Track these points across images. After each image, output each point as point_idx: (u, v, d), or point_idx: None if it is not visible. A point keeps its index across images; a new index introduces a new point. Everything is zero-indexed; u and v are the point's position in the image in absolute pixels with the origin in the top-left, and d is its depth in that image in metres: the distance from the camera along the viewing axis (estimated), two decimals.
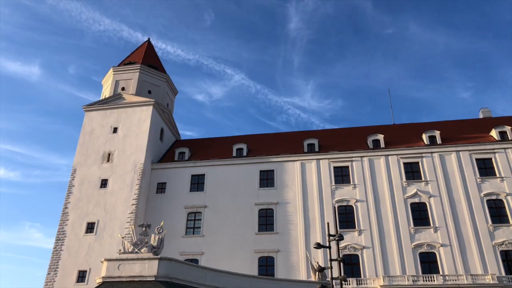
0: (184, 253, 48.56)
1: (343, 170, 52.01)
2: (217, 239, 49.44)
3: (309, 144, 55.84)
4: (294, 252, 47.38)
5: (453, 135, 53.35)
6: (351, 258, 46.00)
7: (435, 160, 50.27)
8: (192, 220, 51.85)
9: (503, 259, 43.51)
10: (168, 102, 67.10)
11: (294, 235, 48.50)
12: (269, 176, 53.40)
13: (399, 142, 53.70)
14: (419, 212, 47.57)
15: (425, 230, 46.21)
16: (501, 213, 45.89)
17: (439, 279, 41.30)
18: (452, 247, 44.72)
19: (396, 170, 50.46)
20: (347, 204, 49.46)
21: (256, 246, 48.43)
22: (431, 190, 48.45)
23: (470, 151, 50.06)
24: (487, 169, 48.83)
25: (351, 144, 55.21)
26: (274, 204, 50.91)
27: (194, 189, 54.08)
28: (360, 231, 47.36)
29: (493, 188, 47.28)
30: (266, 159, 54.50)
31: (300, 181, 51.88)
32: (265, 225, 49.99)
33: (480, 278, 40.88)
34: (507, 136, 50.86)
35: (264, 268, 47.08)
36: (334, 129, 66.37)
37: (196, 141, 66.07)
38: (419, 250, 45.31)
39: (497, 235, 44.65)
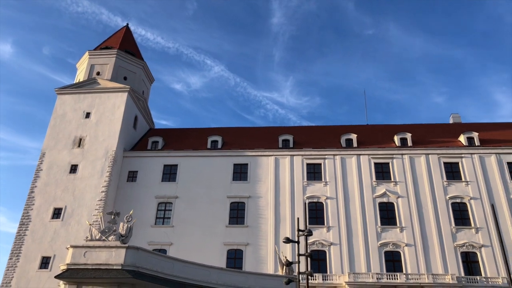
0: (153, 243, 48.19)
1: (316, 167, 52.64)
2: (187, 230, 49.28)
3: (284, 140, 56.21)
4: (263, 246, 47.77)
5: (423, 138, 54.76)
6: (318, 254, 46.74)
7: (405, 162, 51.53)
8: (162, 210, 51.45)
9: (463, 260, 45.15)
10: (144, 89, 66.12)
11: (264, 229, 48.86)
12: (242, 170, 53.50)
13: (371, 143, 54.74)
14: (386, 211, 48.73)
15: (391, 229, 47.40)
16: (464, 216, 47.55)
17: (402, 278, 42.50)
18: (416, 247, 46.06)
19: (367, 169, 51.46)
20: (317, 201, 50.15)
21: (225, 239, 48.54)
22: (399, 190, 49.68)
23: (439, 154, 51.54)
24: (453, 173, 50.42)
25: (324, 142, 55.91)
26: (246, 198, 51.07)
27: (166, 179, 53.63)
28: (328, 228, 48.15)
29: (458, 192, 48.88)
30: (241, 152, 54.56)
31: (273, 176, 52.23)
32: (236, 218, 50.13)
33: (440, 278, 42.31)
34: (474, 142, 52.59)
35: (233, 261, 47.28)
36: (309, 126, 67.04)
37: (170, 130, 65.44)
38: (384, 248, 46.45)
39: (459, 237, 46.27)
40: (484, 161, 50.48)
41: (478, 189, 48.69)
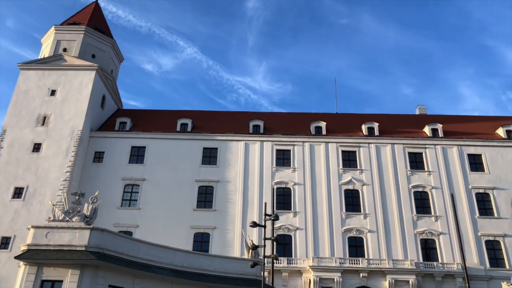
0: (118, 224, 47.61)
1: (285, 154, 53.13)
2: (154, 213, 48.92)
3: (255, 125, 56.30)
4: (230, 230, 48.10)
5: (390, 128, 56.13)
6: (284, 238, 47.53)
7: (371, 151, 52.75)
8: (129, 192, 50.78)
9: (422, 247, 47.04)
10: (112, 68, 64.39)
11: (232, 213, 49.14)
12: (212, 154, 53.35)
13: (339, 131, 55.64)
14: (351, 198, 49.95)
15: (355, 216, 48.69)
16: (425, 205, 49.37)
17: (364, 263, 43.90)
18: (378, 233, 47.56)
19: (334, 157, 52.39)
20: (285, 187, 50.76)
21: (193, 222, 48.55)
22: (364, 178, 50.93)
23: (404, 144, 53.03)
24: (417, 162, 52.08)
25: (294, 129, 56.39)
26: (214, 182, 51.07)
27: (133, 161, 52.83)
28: (295, 213, 48.94)
29: (420, 181, 50.61)
30: (211, 136, 54.32)
31: (242, 161, 52.38)
32: (204, 202, 50.14)
33: (400, 263, 43.96)
34: (438, 134, 54.37)
35: (199, 244, 47.43)
36: (280, 113, 67.39)
37: (139, 111, 64.24)
38: (348, 234, 47.73)
39: (419, 224, 48.08)
40: (446, 152, 52.35)
41: (440, 179, 50.56)
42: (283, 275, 44.06)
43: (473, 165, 51.51)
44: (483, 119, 60.83)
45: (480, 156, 52.05)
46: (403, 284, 42.75)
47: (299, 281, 44.27)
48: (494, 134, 54.93)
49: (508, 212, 48.36)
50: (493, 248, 46.69)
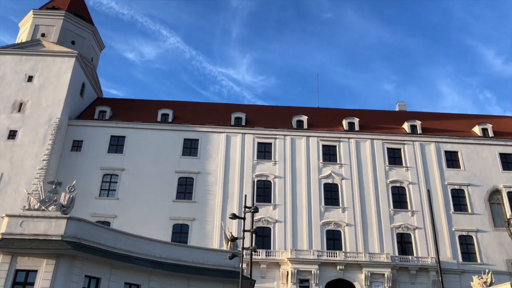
0: (96, 214, 47.01)
1: (266, 147, 53.27)
2: (133, 203, 48.47)
3: (237, 117, 56.19)
4: (209, 222, 48.08)
5: (370, 124, 56.81)
6: (263, 231, 47.79)
7: (351, 146, 53.34)
8: (107, 182, 50.14)
9: (398, 241, 47.99)
10: (93, 56, 63.15)
11: (212, 205, 49.10)
12: (193, 145, 53.06)
13: (320, 125, 56.04)
14: (331, 192, 50.50)
15: (334, 209, 49.28)
16: (402, 200, 50.32)
17: (341, 255, 44.55)
18: (356, 227, 48.28)
19: (315, 151, 52.79)
20: (266, 179, 50.95)
21: (172, 213, 48.33)
22: (344, 173, 51.52)
23: (383, 140, 53.78)
24: (395, 158, 52.95)
25: (276, 122, 56.52)
26: (195, 174, 50.87)
27: (112, 150, 52.12)
28: (275, 206, 49.22)
29: (398, 176, 51.49)
30: (192, 127, 54.00)
31: (223, 153, 52.29)
32: (184, 193, 49.93)
33: (376, 257, 44.77)
34: (416, 130, 55.32)
35: (178, 235, 47.28)
36: (262, 106, 67.45)
37: (119, 100, 63.29)
38: (326, 227, 48.31)
39: (396, 219, 49.01)
40: (424, 149, 53.35)
41: (417, 174, 51.54)
42: (261, 267, 44.36)
43: (450, 161, 52.68)
44: (461, 117, 62.18)
45: (456, 153, 53.24)
46: (379, 277, 43.59)
47: (277, 273, 44.67)
48: (470, 132, 56.22)
49: (482, 208, 49.71)
50: (466, 243, 47.99)
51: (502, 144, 53.83)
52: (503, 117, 63.81)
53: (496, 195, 50.78)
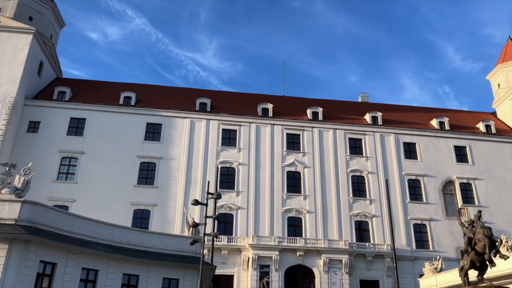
0: (54, 198, 45.60)
1: (231, 133, 53.19)
2: (92, 187, 47.30)
3: (202, 103, 55.67)
4: (171, 208, 47.73)
5: (333, 114, 57.81)
6: (226, 217, 48.00)
7: (314, 135, 54.16)
8: (66, 165, 48.62)
9: (356, 228, 49.51)
10: (52, 33, 60.46)
11: (174, 191, 48.71)
12: (156, 130, 52.22)
13: (285, 114, 56.49)
14: (293, 180, 51.25)
15: (296, 197, 50.10)
16: (361, 188, 51.79)
17: (301, 242, 45.50)
18: (316, 214, 49.34)
19: (279, 139, 53.26)
20: (230, 166, 51.00)
21: (133, 199, 47.59)
22: (307, 161, 52.34)
23: (345, 130, 54.93)
24: (356, 148, 54.26)
25: (242, 109, 56.46)
26: (157, 159, 50.18)
27: (72, 133, 50.48)
28: (238, 193, 49.45)
29: (358, 166, 52.86)
30: (155, 111, 53.04)
31: (187, 139, 51.79)
32: (146, 179, 49.22)
33: (335, 243, 46.03)
34: (377, 121, 56.82)
35: (139, 221, 46.69)
36: (228, 92, 67.14)
37: (80, 81, 61.16)
38: (288, 214, 49.10)
39: (355, 207, 50.45)
40: (384, 140, 54.94)
41: (376, 164, 53.10)
42: (222, 253, 44.64)
43: (408, 153, 54.59)
44: (420, 110, 64.37)
45: (414, 144, 55.19)
46: (337, 263, 44.90)
47: (238, 259, 45.10)
48: (428, 125, 58.34)
49: (436, 198, 51.98)
50: (420, 231, 50.15)
51: (457, 137, 56.25)
52: (460, 111, 66.60)
53: (449, 186, 53.21)
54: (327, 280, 44.07)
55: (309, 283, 44.52)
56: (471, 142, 56.11)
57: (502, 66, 64.93)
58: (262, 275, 43.46)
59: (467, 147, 55.63)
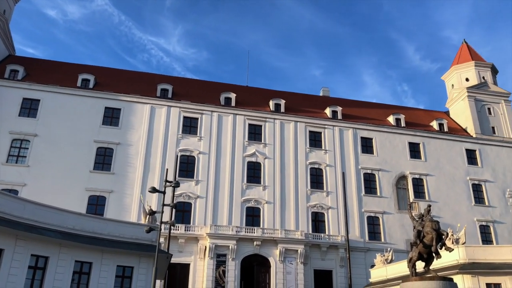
0: (2, 182, 43.57)
1: (192, 121, 52.63)
2: (45, 172, 45.50)
3: (163, 89, 54.64)
4: (128, 195, 46.79)
5: (295, 106, 58.43)
6: (184, 206, 47.66)
7: (276, 126, 54.58)
8: (17, 148, 46.41)
9: (312, 219, 50.57)
10: (5, 8, 57.16)
11: (132, 177, 47.74)
12: (114, 115, 50.80)
13: (248, 104, 56.50)
14: (253, 170, 51.53)
15: (255, 187, 50.44)
16: (319, 180, 52.85)
17: (259, 232, 45.94)
18: (274, 205, 49.94)
19: (241, 129, 53.28)
20: (190, 154, 50.54)
21: (88, 184, 46.23)
22: (267, 152, 52.73)
23: (306, 123, 55.70)
24: (316, 141, 55.21)
25: (204, 97, 55.93)
26: (115, 144, 48.91)
27: (24, 114, 48.18)
28: (197, 181, 49.14)
29: (317, 158, 53.86)
30: (114, 96, 51.54)
31: (147, 125, 50.77)
32: (102, 164, 47.89)
33: (291, 234, 46.82)
34: (337, 116, 57.97)
35: (94, 207, 45.48)
36: (190, 79, 66.21)
37: (35, 61, 58.31)
38: (247, 204, 49.39)
39: (312, 198, 51.47)
40: (342, 134, 56.20)
41: (334, 157, 54.30)
42: (179, 241, 44.36)
43: (364, 147, 56.16)
44: (378, 106, 66.24)
45: (371, 139, 56.83)
46: (293, 253, 45.74)
47: (195, 248, 44.96)
48: (385, 121, 60.20)
49: (389, 192, 53.91)
50: (373, 223, 51.93)
51: (411, 134, 58.40)
52: (415, 109, 69.15)
53: (402, 181, 55.33)
54: (283, 270, 44.84)
55: (264, 272, 45.13)
56: (425, 139, 58.48)
57: (457, 68, 67.86)
58: (219, 264, 43.65)
59: (420, 144, 57.94)
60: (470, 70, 66.65)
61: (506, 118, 62.99)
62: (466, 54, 69.06)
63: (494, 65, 67.63)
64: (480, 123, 61.74)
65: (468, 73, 66.68)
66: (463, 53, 69.88)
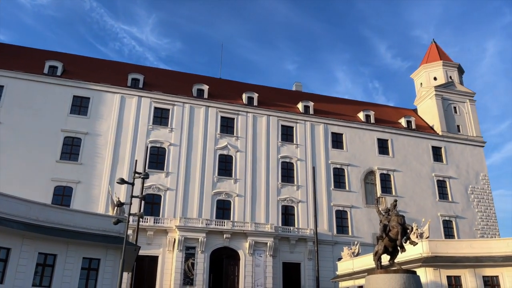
0: None
1: (164, 112, 51.94)
2: (8, 161, 43.85)
3: (134, 78, 53.61)
4: (96, 186, 45.83)
5: (268, 100, 58.55)
6: (153, 198, 47.12)
7: (248, 119, 54.57)
8: None
9: (282, 213, 51.04)
10: None
11: (100, 168, 46.75)
12: (83, 104, 49.50)
13: (221, 96, 56.20)
14: (225, 163, 51.42)
15: (226, 180, 50.38)
16: (290, 174, 53.32)
17: (229, 224, 45.98)
18: (245, 198, 50.07)
19: (213, 122, 53.00)
20: (160, 146, 49.90)
21: (54, 175, 44.96)
22: (239, 145, 52.70)
23: (279, 117, 55.96)
24: (287, 135, 55.59)
25: (176, 88, 55.24)
26: (83, 134, 47.71)
27: None
28: (167, 173, 48.64)
29: (288, 153, 54.26)
30: (83, 84, 50.16)
31: (117, 115, 49.74)
32: (69, 154, 46.65)
33: (261, 227, 47.11)
34: (309, 111, 58.50)
35: (60, 198, 44.33)
36: (162, 70, 65.20)
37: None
38: (218, 197, 49.30)
39: (283, 192, 51.89)
40: (314, 129, 56.78)
41: (305, 152, 54.86)
42: (148, 233, 43.85)
43: (335, 142, 56.96)
44: (349, 102, 67.25)
45: (341, 135, 57.69)
46: (262, 246, 46.05)
47: (164, 240, 44.57)
48: (355, 117, 61.19)
49: (357, 187, 54.98)
50: (341, 217, 52.89)
51: (380, 130, 59.66)
52: (385, 106, 70.59)
53: (370, 176, 56.52)
54: (252, 262, 45.11)
55: (234, 265, 45.27)
56: (393, 136, 59.86)
57: (426, 67, 69.64)
58: (188, 257, 43.48)
59: (389, 140, 59.28)
60: (438, 70, 68.54)
61: (470, 117, 65.23)
62: (435, 54, 70.93)
63: (461, 65, 69.79)
64: (446, 121, 63.69)
65: (436, 72, 68.55)
66: (432, 53, 71.73)
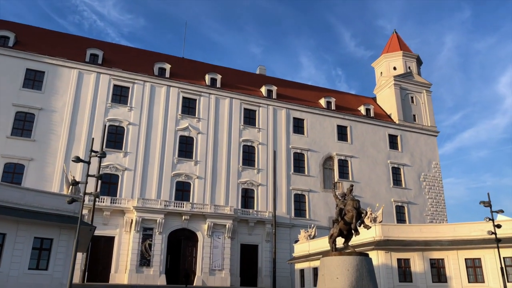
0: None
1: (123, 90, 50.48)
2: None
3: (93, 54, 51.59)
4: (50, 163, 44.16)
5: (231, 82, 58.15)
6: (111, 178, 46.05)
7: (211, 101, 54.05)
8: None
9: (242, 195, 51.36)
10: None
11: (54, 146, 45.02)
12: (37, 78, 47.20)
13: (183, 76, 55.21)
14: (185, 145, 50.88)
15: (187, 162, 49.94)
16: (251, 158, 53.56)
17: (188, 206, 45.79)
18: (205, 180, 49.91)
19: (174, 102, 52.09)
20: (119, 125, 48.62)
21: (4, 151, 42.90)
22: (201, 127, 52.21)
23: (241, 100, 55.77)
24: (250, 119, 55.61)
25: (137, 66, 53.74)
26: (37, 110, 45.62)
27: None
28: (125, 153, 47.56)
29: (250, 136, 54.39)
30: (38, 57, 47.72)
31: (73, 91, 47.84)
32: (21, 130, 44.55)
33: (221, 209, 47.23)
34: (272, 95, 58.67)
35: (10, 176, 42.43)
36: (123, 46, 63.12)
37: None
38: (177, 179, 48.84)
39: (243, 175, 52.11)
40: (276, 113, 57.09)
41: (267, 136, 55.16)
42: (104, 214, 42.95)
43: (296, 127, 57.61)
44: (311, 88, 67.96)
45: (303, 120, 58.38)
46: (221, 228, 46.26)
47: (120, 221, 43.83)
48: (317, 103, 62.01)
49: (316, 172, 56.08)
50: (299, 201, 53.90)
51: (340, 117, 60.84)
52: (346, 94, 71.92)
53: (329, 161, 57.76)
54: (210, 244, 45.29)
55: (192, 246, 45.30)
56: (352, 123, 61.23)
57: (386, 56, 71.30)
58: (145, 238, 43.05)
59: (348, 127, 60.61)
60: (398, 60, 70.36)
61: (426, 107, 67.71)
62: (396, 44, 72.67)
63: (420, 57, 71.97)
64: (403, 110, 65.80)
65: (396, 62, 70.38)
66: (393, 43, 73.44)
